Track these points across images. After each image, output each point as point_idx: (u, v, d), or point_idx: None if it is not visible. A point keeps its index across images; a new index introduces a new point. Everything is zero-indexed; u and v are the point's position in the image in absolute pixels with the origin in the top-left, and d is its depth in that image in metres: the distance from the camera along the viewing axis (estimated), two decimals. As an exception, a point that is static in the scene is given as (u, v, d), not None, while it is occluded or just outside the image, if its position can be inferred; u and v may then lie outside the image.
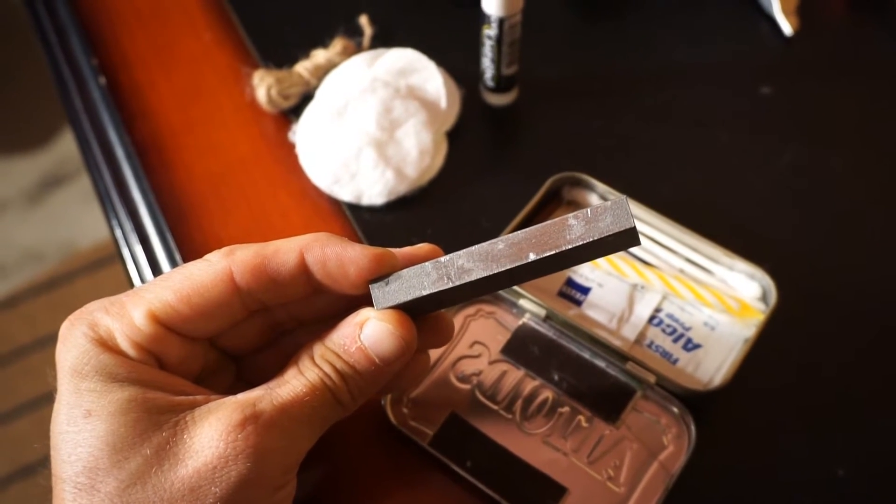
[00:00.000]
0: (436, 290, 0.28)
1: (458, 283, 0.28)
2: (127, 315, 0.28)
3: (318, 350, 0.29)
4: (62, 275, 1.25)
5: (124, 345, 0.28)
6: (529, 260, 0.27)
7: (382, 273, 0.29)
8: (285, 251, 0.29)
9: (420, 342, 0.32)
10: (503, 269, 0.27)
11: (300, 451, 0.29)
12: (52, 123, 1.39)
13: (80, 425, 0.26)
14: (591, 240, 0.26)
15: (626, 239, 0.27)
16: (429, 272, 0.28)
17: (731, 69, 0.51)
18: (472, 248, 0.28)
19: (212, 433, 0.26)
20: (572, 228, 0.26)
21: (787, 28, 0.51)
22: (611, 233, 0.26)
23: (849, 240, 0.44)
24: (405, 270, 0.29)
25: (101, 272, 1.25)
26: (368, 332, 0.29)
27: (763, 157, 0.47)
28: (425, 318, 0.32)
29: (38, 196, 1.34)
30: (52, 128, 1.40)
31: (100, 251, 1.27)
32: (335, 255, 0.29)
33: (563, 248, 0.26)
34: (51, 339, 1.17)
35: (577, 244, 0.26)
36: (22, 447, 1.09)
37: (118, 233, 0.47)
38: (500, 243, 0.27)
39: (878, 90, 0.50)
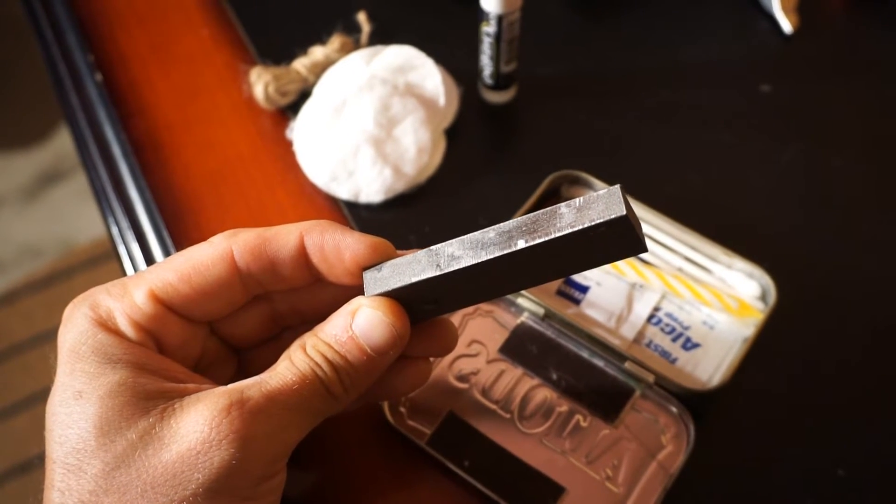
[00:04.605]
0: (425, 277, 0.28)
1: (446, 271, 0.28)
2: (128, 295, 0.29)
3: (311, 341, 0.29)
4: (59, 271, 1.25)
5: (123, 325, 0.28)
6: (518, 247, 0.26)
7: (378, 261, 0.30)
8: (286, 234, 0.30)
9: (421, 349, 0.32)
10: (492, 257, 0.27)
11: (288, 440, 0.28)
12: (48, 120, 1.39)
13: (71, 406, 0.27)
14: (580, 227, 0.25)
15: (623, 235, 0.26)
16: (420, 260, 0.29)
17: (731, 67, 0.51)
18: (465, 236, 0.28)
19: (198, 419, 0.26)
20: (563, 216, 0.26)
21: (786, 26, 0.51)
22: (601, 220, 0.25)
23: (848, 238, 0.43)
24: (398, 259, 0.30)
25: (98, 269, 1.25)
26: (360, 322, 0.29)
27: (762, 156, 0.47)
28: (427, 324, 0.32)
29: (36, 192, 1.34)
30: (49, 124, 1.39)
31: (97, 248, 1.26)
32: (333, 241, 0.30)
33: (553, 236, 0.26)
34: (48, 336, 1.17)
35: (566, 231, 0.26)
36: (19, 444, 1.09)
37: (114, 230, 0.47)
38: (490, 232, 0.27)
39: (878, 88, 0.50)
